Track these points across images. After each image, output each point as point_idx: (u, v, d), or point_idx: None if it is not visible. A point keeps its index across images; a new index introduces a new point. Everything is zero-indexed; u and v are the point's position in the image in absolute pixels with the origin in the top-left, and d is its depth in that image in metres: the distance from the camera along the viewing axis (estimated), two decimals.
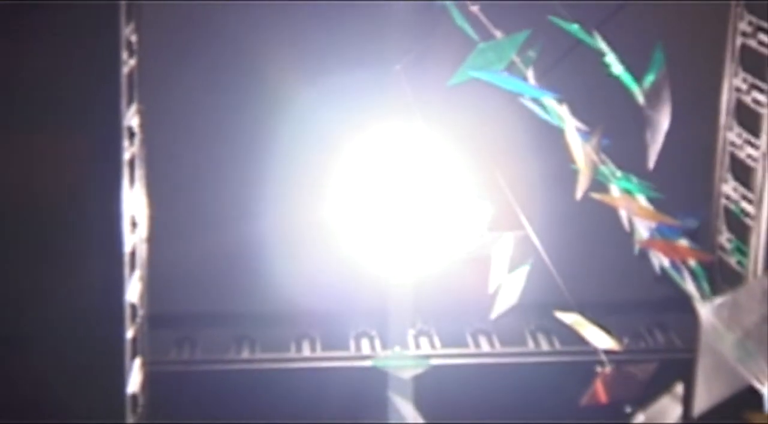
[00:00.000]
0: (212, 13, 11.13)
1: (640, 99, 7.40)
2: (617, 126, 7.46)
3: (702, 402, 5.55)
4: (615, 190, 7.67)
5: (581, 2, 8.53)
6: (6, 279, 8.82)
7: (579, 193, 7.46)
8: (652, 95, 7.28)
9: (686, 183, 9.75)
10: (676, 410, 6.81)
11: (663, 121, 7.26)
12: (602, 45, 7.71)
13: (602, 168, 7.57)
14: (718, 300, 5.63)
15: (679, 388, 6.82)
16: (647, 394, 7.41)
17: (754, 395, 5.66)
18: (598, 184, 7.66)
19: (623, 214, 7.66)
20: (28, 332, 9.05)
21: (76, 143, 9.04)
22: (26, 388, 9.21)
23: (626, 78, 7.57)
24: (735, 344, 5.53)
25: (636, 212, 7.46)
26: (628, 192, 7.62)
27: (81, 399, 9.33)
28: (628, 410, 7.33)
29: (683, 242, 7.52)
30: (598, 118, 7.64)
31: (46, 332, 9.06)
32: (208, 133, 11.56)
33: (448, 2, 8.77)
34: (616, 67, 7.63)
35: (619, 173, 7.70)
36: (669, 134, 7.43)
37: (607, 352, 8.00)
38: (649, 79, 7.32)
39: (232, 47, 11.34)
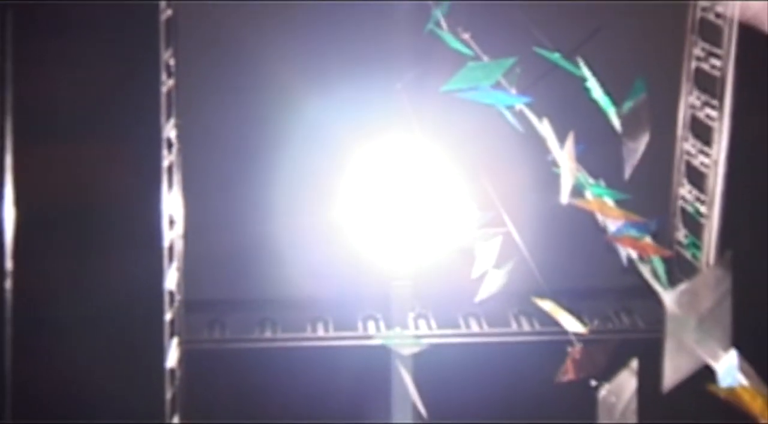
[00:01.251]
0: (238, 42, 11.15)
1: (616, 122, 7.41)
2: (592, 135, 7.48)
3: (670, 379, 5.57)
4: (589, 194, 7.69)
5: (559, 27, 8.59)
6: (62, 269, 8.84)
7: (564, 197, 7.47)
8: (631, 119, 7.28)
9: (649, 187, 9.72)
10: (632, 382, 6.84)
11: (640, 142, 7.27)
12: (584, 71, 7.72)
13: (579, 176, 7.58)
14: (679, 289, 5.66)
15: (635, 363, 6.85)
16: (613, 369, 7.44)
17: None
18: (573, 188, 7.68)
19: (598, 215, 7.68)
20: (81, 314, 9.06)
21: (122, 153, 9.06)
22: (79, 363, 9.22)
23: (604, 102, 7.58)
24: (693, 327, 5.56)
25: (607, 213, 7.49)
26: (599, 196, 7.64)
27: (126, 373, 9.35)
28: (594, 383, 7.35)
29: (647, 239, 7.56)
30: (573, 127, 7.67)
31: (96, 315, 9.07)
32: (234, 144, 11.55)
33: (440, 30, 8.80)
34: (597, 92, 7.64)
35: (591, 180, 7.72)
36: None
37: (578, 333, 8.04)
38: (628, 105, 7.33)
39: (254, 70, 11.33)
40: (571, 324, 8.08)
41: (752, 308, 7.26)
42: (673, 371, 5.57)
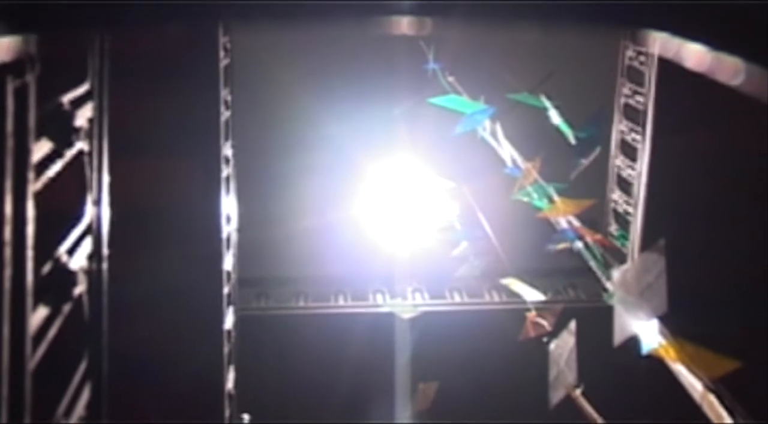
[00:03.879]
0: (278, 84, 11.14)
1: (571, 140, 7.41)
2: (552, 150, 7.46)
3: (618, 338, 5.58)
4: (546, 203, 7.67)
5: (523, 67, 8.58)
6: (146, 256, 8.75)
7: (516, 194, 7.51)
8: (584, 142, 7.30)
9: (589, 192, 9.66)
10: (571, 339, 6.88)
11: (588, 157, 7.29)
12: (546, 104, 7.73)
13: (528, 189, 7.57)
14: (622, 270, 5.66)
15: (573, 325, 6.88)
16: (560, 329, 7.42)
17: None
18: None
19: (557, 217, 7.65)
20: (160, 289, 8.99)
21: (191, 167, 9.02)
22: (158, 326, 9.16)
23: (563, 127, 7.57)
24: (629, 301, 5.54)
25: (567, 212, 7.47)
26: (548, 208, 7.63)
27: (194, 333, 9.30)
28: (545, 340, 7.36)
29: (591, 232, 7.57)
30: (535, 145, 7.63)
31: (172, 289, 9.00)
32: (275, 159, 11.53)
33: (436, 69, 8.80)
34: (555, 119, 7.63)
35: (535, 195, 7.68)
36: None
37: (535, 302, 8.02)
38: (584, 133, 7.34)
39: (291, 104, 11.32)
40: (530, 296, 8.06)
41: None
42: (620, 332, 5.57)
